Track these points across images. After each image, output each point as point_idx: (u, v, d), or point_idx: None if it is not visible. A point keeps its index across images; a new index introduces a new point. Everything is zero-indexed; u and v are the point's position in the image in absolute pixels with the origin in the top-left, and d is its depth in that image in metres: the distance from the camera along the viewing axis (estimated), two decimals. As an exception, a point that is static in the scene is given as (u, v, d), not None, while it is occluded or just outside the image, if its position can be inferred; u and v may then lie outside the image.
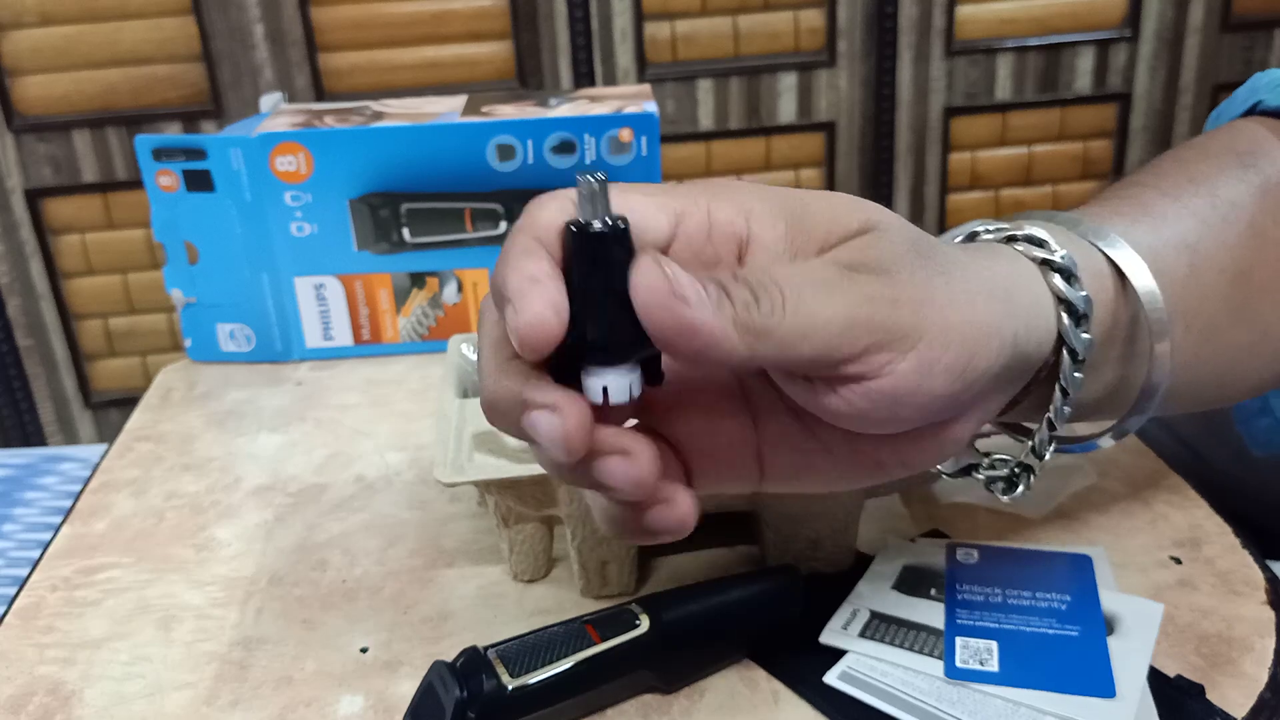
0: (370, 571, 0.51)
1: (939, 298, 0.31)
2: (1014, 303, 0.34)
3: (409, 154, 0.68)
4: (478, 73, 1.60)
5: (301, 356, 0.74)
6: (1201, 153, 0.45)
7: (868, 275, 0.31)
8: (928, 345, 0.30)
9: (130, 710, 0.44)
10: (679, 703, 0.42)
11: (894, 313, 0.30)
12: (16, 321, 1.66)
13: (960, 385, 0.31)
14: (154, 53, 1.55)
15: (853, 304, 0.30)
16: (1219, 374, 0.43)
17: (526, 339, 0.29)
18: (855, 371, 0.30)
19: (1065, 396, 0.37)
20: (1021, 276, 0.35)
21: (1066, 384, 0.36)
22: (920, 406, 0.31)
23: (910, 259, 0.32)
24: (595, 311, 0.30)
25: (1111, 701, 0.40)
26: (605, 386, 0.30)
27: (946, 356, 0.31)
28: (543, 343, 0.29)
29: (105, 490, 0.60)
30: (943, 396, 0.31)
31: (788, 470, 0.35)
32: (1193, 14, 1.66)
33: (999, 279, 0.34)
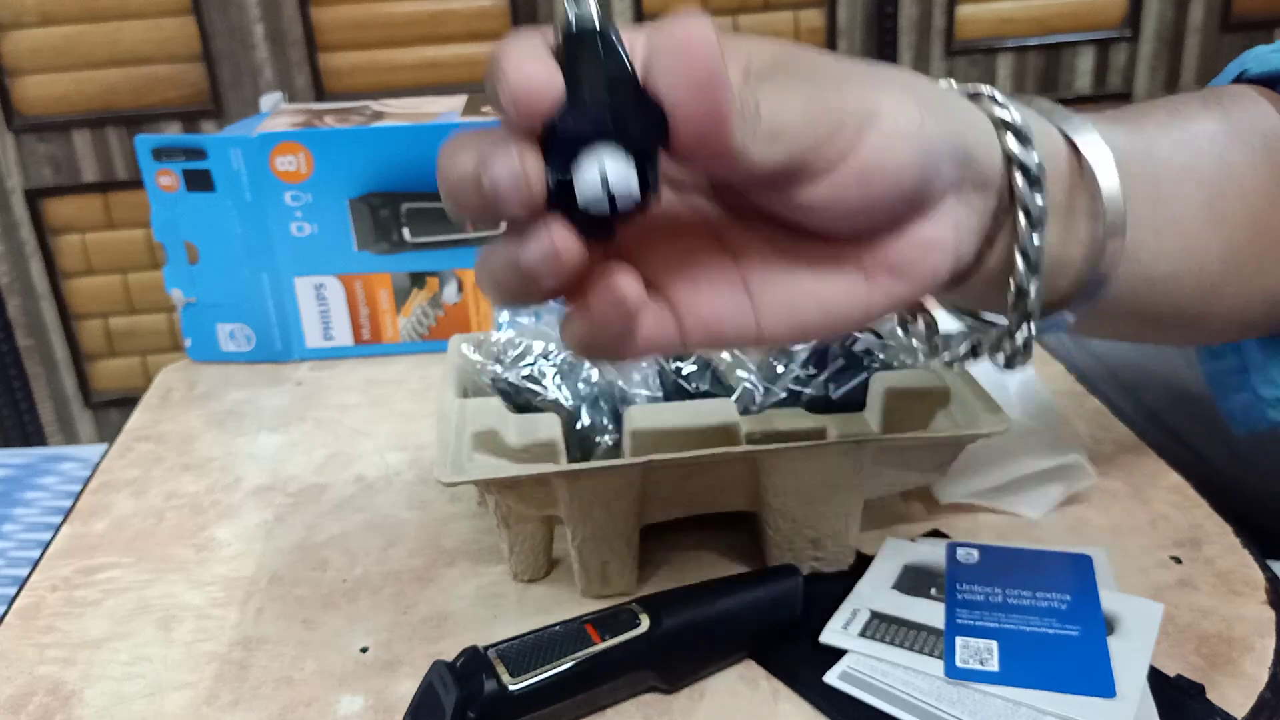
0: (370, 571, 0.51)
1: (878, 79, 0.33)
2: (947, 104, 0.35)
3: (409, 154, 0.68)
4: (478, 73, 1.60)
5: (301, 356, 0.74)
6: (1177, 99, 0.46)
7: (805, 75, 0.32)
8: (880, 119, 0.32)
9: (130, 710, 0.44)
10: (679, 703, 0.42)
11: (841, 95, 0.32)
12: (16, 321, 1.66)
13: (920, 154, 0.33)
14: (154, 53, 1.55)
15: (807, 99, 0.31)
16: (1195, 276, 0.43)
17: (521, 95, 0.28)
18: (827, 158, 0.32)
19: (1031, 221, 0.37)
20: (954, 95, 0.37)
21: (1028, 204, 0.37)
22: (891, 182, 0.33)
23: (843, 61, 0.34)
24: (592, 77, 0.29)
25: (1111, 701, 0.40)
26: (604, 173, 0.29)
27: (900, 123, 0.32)
28: (538, 95, 0.28)
29: (105, 490, 0.60)
30: (906, 166, 0.33)
31: (781, 303, 0.35)
32: (1193, 14, 1.66)
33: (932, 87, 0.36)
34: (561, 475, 0.45)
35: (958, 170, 0.35)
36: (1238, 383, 0.52)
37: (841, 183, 0.32)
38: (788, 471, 0.47)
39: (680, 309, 0.34)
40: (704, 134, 0.30)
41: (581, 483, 0.45)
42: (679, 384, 0.53)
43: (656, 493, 0.47)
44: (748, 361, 0.55)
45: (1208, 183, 0.43)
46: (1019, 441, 0.54)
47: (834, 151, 0.32)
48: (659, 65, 0.29)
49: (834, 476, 0.47)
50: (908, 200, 0.34)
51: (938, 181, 0.34)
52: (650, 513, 0.48)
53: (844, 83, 0.32)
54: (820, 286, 0.35)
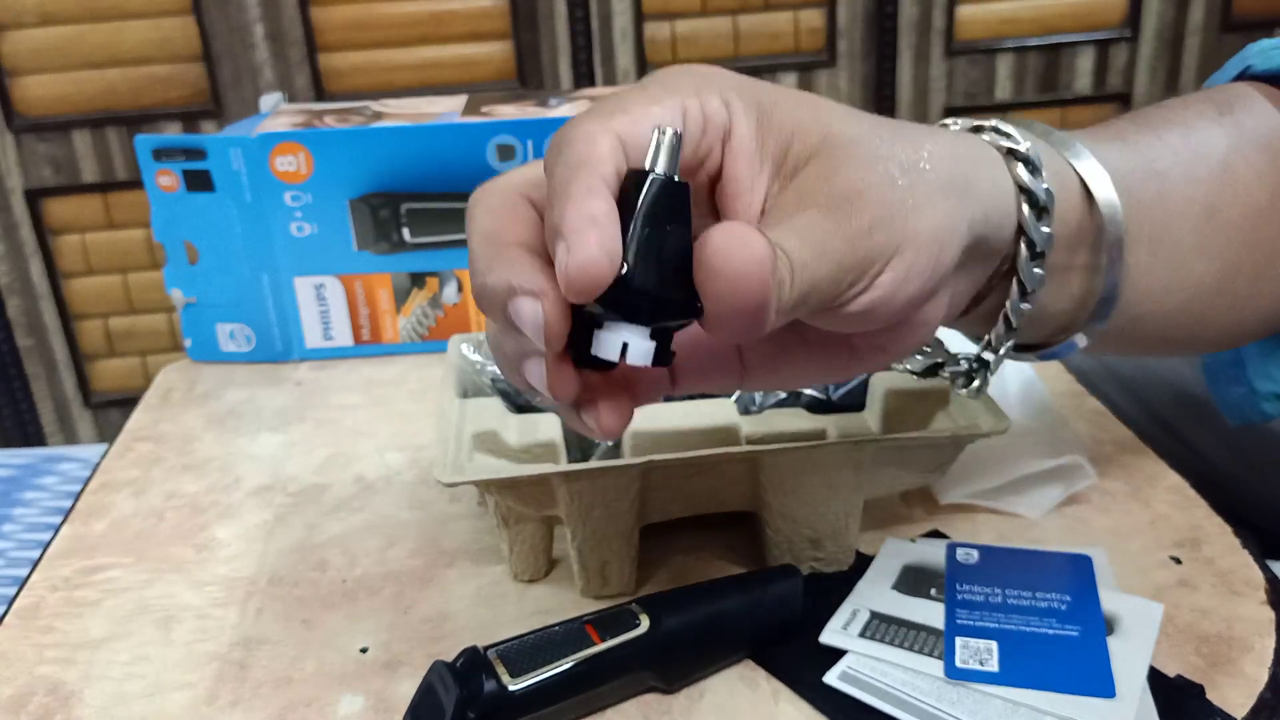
0: (370, 571, 0.51)
1: (906, 207, 0.32)
2: (972, 190, 0.35)
3: (409, 154, 0.68)
4: (478, 73, 1.60)
5: (301, 356, 0.74)
6: (1182, 103, 0.46)
7: (840, 212, 0.32)
8: (901, 257, 0.32)
9: (130, 710, 0.44)
10: (679, 703, 0.42)
11: (871, 241, 0.32)
12: (16, 321, 1.66)
13: (933, 283, 0.33)
14: (154, 53, 1.55)
15: (840, 252, 0.31)
16: (1187, 306, 0.44)
17: (576, 280, 0.29)
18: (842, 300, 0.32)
19: (1024, 291, 0.38)
20: (983, 163, 0.36)
21: (1025, 278, 0.38)
22: (897, 309, 0.33)
23: (875, 172, 0.32)
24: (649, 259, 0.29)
25: (1111, 701, 0.40)
26: (625, 343, 0.30)
27: (919, 261, 0.32)
28: (593, 285, 0.29)
29: (105, 490, 0.60)
30: (917, 298, 0.33)
31: (767, 365, 0.36)
32: (1193, 14, 1.66)
33: (960, 164, 0.35)
34: (561, 475, 0.45)
35: (966, 256, 0.35)
36: (1234, 375, 0.52)
37: (855, 314, 0.33)
38: (788, 472, 0.47)
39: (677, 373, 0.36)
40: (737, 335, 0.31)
41: (581, 483, 0.45)
42: (679, 384, 0.53)
43: (656, 493, 0.47)
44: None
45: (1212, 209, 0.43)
46: (1019, 441, 0.54)
47: (851, 293, 0.32)
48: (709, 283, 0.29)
49: (834, 477, 0.47)
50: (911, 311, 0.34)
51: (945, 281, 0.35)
52: (650, 513, 0.48)
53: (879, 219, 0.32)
54: (809, 362, 0.37)
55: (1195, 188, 0.43)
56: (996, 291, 0.39)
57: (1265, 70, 0.48)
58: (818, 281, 0.31)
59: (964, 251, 0.35)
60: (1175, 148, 0.43)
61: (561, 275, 0.29)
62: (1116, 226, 0.39)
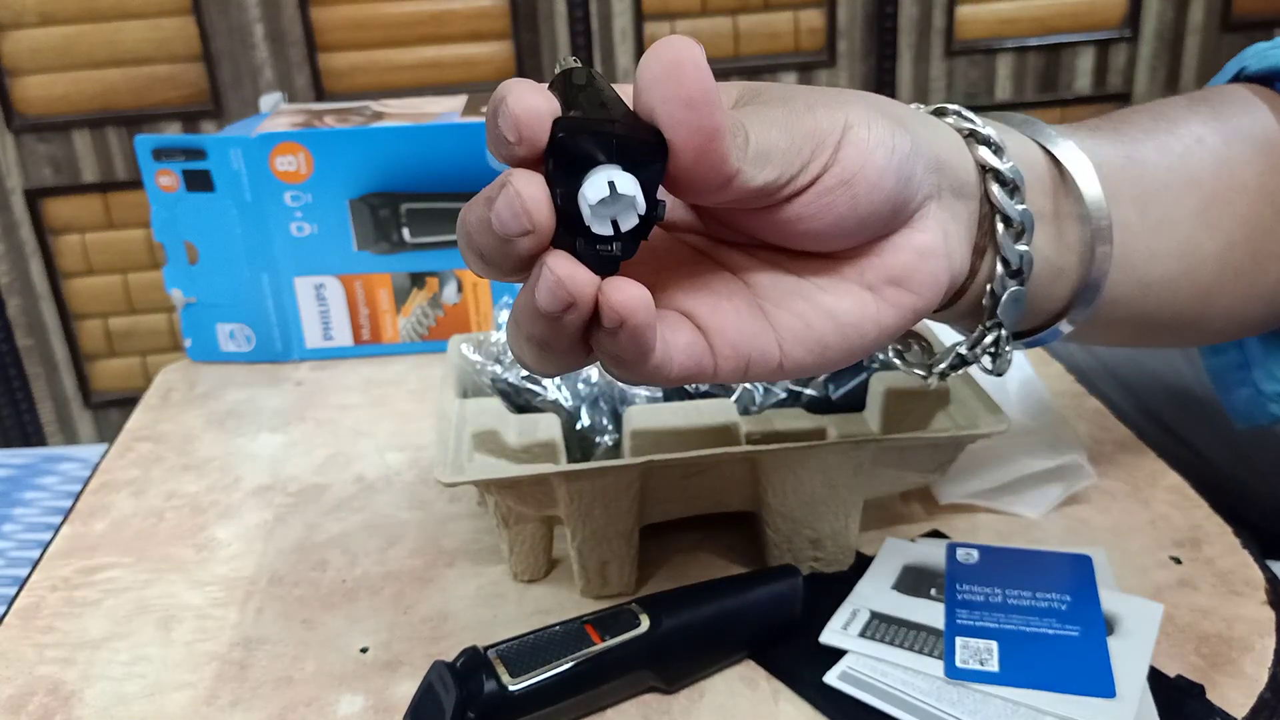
0: (370, 571, 0.51)
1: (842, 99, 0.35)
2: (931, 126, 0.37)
3: (409, 154, 0.68)
4: (478, 73, 1.60)
5: (301, 356, 0.74)
6: (1175, 100, 0.47)
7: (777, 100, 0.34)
8: (853, 130, 0.33)
9: (130, 710, 0.44)
10: (679, 703, 0.42)
11: (814, 116, 0.33)
12: (16, 321, 1.66)
13: (896, 159, 0.34)
14: (154, 53, 1.55)
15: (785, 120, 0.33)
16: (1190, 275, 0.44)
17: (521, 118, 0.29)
18: (807, 178, 0.33)
19: (1008, 267, 0.39)
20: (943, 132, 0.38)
21: (1007, 255, 0.39)
22: (872, 185, 0.33)
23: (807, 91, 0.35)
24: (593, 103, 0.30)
25: (1111, 701, 0.40)
26: (611, 181, 0.29)
27: (875, 133, 0.34)
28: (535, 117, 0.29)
29: (105, 490, 0.60)
30: (887, 170, 0.34)
31: (797, 322, 0.35)
32: (1193, 14, 1.66)
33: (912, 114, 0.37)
34: (561, 475, 0.45)
35: (934, 176, 0.36)
36: (1239, 378, 0.52)
37: (826, 194, 0.33)
38: (787, 472, 0.47)
39: (709, 332, 0.34)
40: (700, 152, 0.30)
41: (581, 483, 0.45)
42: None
43: (656, 493, 0.47)
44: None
45: (1200, 184, 0.44)
46: (1019, 441, 0.54)
47: (817, 165, 0.33)
48: (653, 87, 0.30)
49: (834, 477, 0.47)
50: (890, 205, 0.35)
51: (915, 186, 0.35)
52: (650, 513, 0.48)
53: (815, 105, 0.34)
54: (832, 304, 0.35)
55: (1185, 177, 0.43)
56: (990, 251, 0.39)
57: (1259, 70, 0.48)
58: (773, 144, 0.32)
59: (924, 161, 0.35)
60: (1160, 141, 0.44)
61: (509, 126, 0.29)
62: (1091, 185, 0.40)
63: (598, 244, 0.30)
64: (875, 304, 0.36)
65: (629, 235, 0.30)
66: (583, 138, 0.29)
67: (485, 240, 0.31)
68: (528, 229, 0.30)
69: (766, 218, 0.34)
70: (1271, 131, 0.45)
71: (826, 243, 0.35)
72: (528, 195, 0.29)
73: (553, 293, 0.30)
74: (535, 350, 0.33)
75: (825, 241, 0.35)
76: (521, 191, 0.29)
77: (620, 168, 0.29)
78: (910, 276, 0.36)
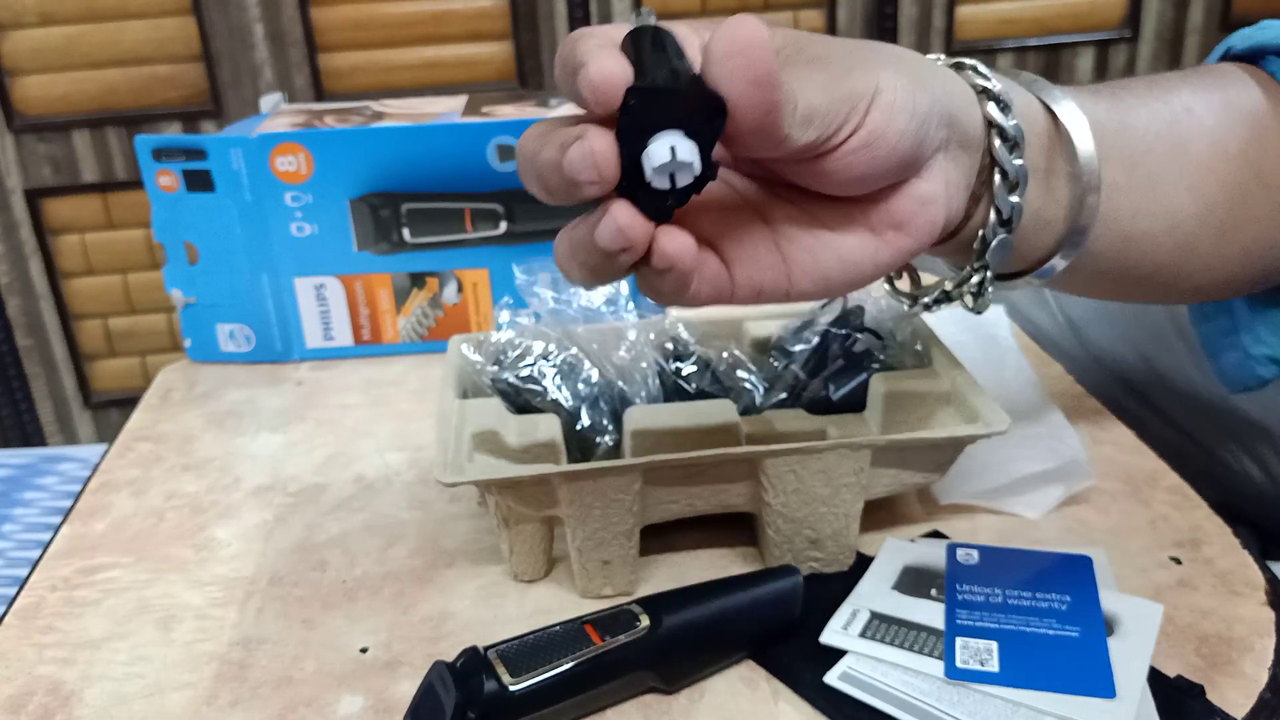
0: (370, 571, 0.51)
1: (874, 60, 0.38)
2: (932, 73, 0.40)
3: (409, 154, 0.68)
4: (478, 73, 1.60)
5: (301, 356, 0.74)
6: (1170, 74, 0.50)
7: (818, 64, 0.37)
8: (881, 96, 0.37)
9: (130, 710, 0.44)
10: (679, 703, 0.42)
11: (850, 81, 0.37)
12: (16, 321, 1.66)
13: (914, 121, 0.38)
14: (154, 53, 1.55)
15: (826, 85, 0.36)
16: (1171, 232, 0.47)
17: (599, 85, 0.32)
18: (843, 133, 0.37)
19: (999, 216, 0.42)
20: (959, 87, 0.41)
21: (1000, 205, 0.42)
22: (891, 147, 0.37)
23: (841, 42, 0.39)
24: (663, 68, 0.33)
25: (1111, 702, 0.40)
26: (674, 147, 0.33)
27: (899, 99, 0.37)
28: (612, 85, 0.32)
29: (105, 490, 0.60)
30: (904, 133, 0.37)
31: (807, 260, 0.39)
32: (1193, 14, 1.66)
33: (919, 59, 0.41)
34: (561, 475, 0.45)
35: (944, 131, 0.39)
36: (1229, 342, 0.55)
37: (853, 151, 0.37)
38: (787, 472, 0.47)
39: (732, 266, 0.39)
40: (759, 122, 0.34)
41: (581, 483, 0.45)
42: (679, 384, 0.53)
43: (656, 493, 0.47)
44: (747, 362, 0.55)
45: (1186, 148, 0.47)
46: (1019, 441, 0.54)
47: (849, 127, 0.37)
48: (722, 64, 0.33)
49: (834, 477, 0.47)
50: (905, 161, 0.38)
51: (928, 143, 0.39)
52: (650, 513, 0.48)
53: (852, 68, 0.37)
54: (838, 243, 0.40)
55: (1170, 140, 0.47)
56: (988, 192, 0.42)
57: (1245, 49, 0.51)
58: (816, 107, 0.36)
59: (939, 118, 0.39)
60: (1152, 108, 0.47)
61: (587, 89, 0.33)
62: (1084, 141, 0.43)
63: (655, 197, 0.34)
64: (875, 244, 0.40)
65: (683, 191, 0.34)
66: (652, 108, 0.33)
67: (555, 179, 0.35)
68: (595, 180, 0.34)
69: (794, 165, 0.38)
70: (1256, 103, 0.48)
71: (841, 190, 0.39)
72: (599, 151, 0.33)
73: (613, 237, 0.34)
74: (584, 272, 0.37)
75: (840, 189, 0.39)
76: (594, 148, 0.33)
77: (683, 134, 0.33)
78: (910, 221, 0.40)
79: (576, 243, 0.36)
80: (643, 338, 0.53)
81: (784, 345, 0.55)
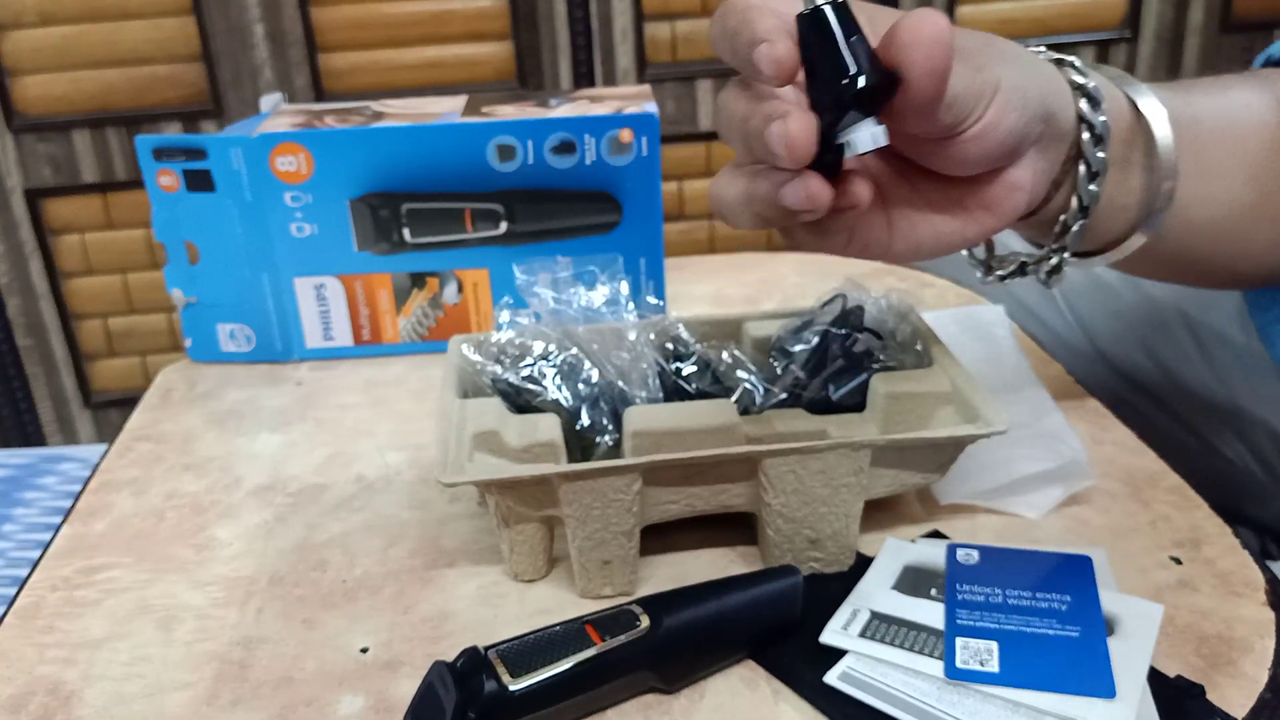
0: (370, 571, 0.51)
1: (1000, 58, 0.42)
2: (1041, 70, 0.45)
3: (409, 154, 0.68)
4: (478, 73, 1.60)
5: (302, 356, 0.74)
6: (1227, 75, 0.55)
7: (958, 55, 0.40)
8: (1000, 94, 0.41)
9: (130, 710, 0.44)
10: (679, 703, 0.42)
11: (981, 75, 0.41)
12: (16, 321, 1.66)
13: (1023, 119, 0.42)
14: (154, 53, 1.55)
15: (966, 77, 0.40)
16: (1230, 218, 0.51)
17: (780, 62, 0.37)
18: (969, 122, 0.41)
19: (1079, 202, 0.47)
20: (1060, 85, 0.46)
21: (1090, 159, 0.47)
22: (1000, 140, 0.42)
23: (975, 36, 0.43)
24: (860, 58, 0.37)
25: (1112, 702, 0.40)
26: (873, 134, 0.38)
27: (1012, 99, 0.41)
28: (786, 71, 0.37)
29: (105, 490, 0.60)
30: (1013, 129, 0.42)
31: (908, 232, 0.44)
32: (1193, 14, 1.66)
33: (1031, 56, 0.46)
34: (561, 475, 0.45)
35: (1042, 126, 0.44)
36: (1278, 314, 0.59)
37: (970, 139, 0.41)
38: (787, 472, 0.47)
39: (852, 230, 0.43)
40: (925, 106, 0.38)
41: (581, 483, 0.45)
42: (679, 384, 0.53)
43: (656, 493, 0.47)
44: (748, 362, 0.55)
45: (1242, 139, 0.51)
46: (1019, 442, 0.54)
47: (974, 116, 0.41)
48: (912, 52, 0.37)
49: (834, 478, 0.47)
50: (1009, 151, 0.43)
51: (1029, 137, 0.43)
52: (650, 513, 0.48)
53: (983, 66, 0.41)
54: (935, 217, 0.44)
55: (1232, 135, 0.51)
56: (1069, 180, 0.47)
57: None
58: (957, 95, 0.39)
59: (1040, 115, 0.43)
60: (1217, 103, 0.52)
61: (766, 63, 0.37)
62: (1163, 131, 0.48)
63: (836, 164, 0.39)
64: (964, 222, 0.44)
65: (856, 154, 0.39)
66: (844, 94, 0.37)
67: (759, 146, 0.38)
68: (791, 161, 0.38)
69: (918, 143, 0.42)
70: None
71: (951, 170, 0.43)
72: (797, 135, 0.37)
73: (801, 202, 0.39)
74: (755, 220, 0.41)
75: (952, 169, 0.43)
76: (793, 131, 0.37)
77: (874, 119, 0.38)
78: (998, 204, 0.44)
79: (757, 197, 0.40)
80: (643, 338, 0.53)
81: (784, 345, 0.55)
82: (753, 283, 0.83)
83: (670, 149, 1.64)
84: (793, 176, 0.39)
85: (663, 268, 0.72)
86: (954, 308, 0.72)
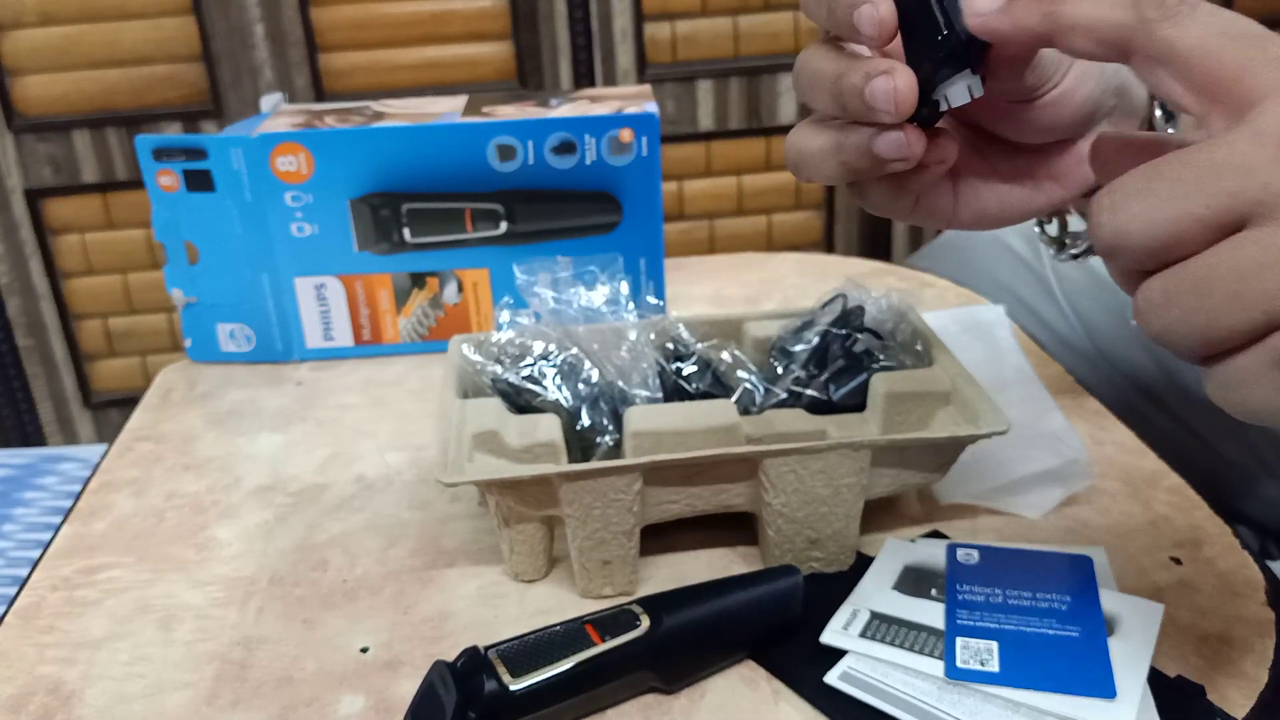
0: (370, 571, 0.51)
1: None
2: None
3: (409, 154, 0.68)
4: (478, 73, 1.60)
5: (302, 357, 0.74)
6: None
7: None
8: (1076, 65, 0.41)
9: (130, 710, 0.44)
10: (679, 703, 0.42)
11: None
12: (16, 321, 1.66)
13: (1098, 89, 0.42)
14: (154, 53, 1.55)
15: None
16: None
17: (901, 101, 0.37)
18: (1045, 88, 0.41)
19: None
20: None
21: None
22: (1075, 108, 0.42)
23: None
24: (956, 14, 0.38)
25: (1112, 702, 0.40)
26: (969, 85, 0.38)
27: (1091, 66, 0.42)
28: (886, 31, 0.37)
29: (105, 490, 0.60)
30: (1088, 98, 0.42)
31: (973, 200, 0.44)
32: (1193, 14, 1.66)
33: None
34: (562, 475, 0.45)
35: (1115, 100, 0.44)
36: None
37: (1045, 105, 0.42)
38: (788, 472, 0.47)
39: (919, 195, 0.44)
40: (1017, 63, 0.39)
41: (582, 483, 0.45)
42: (679, 385, 0.53)
43: (656, 493, 0.47)
44: (748, 362, 0.55)
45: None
46: (1019, 441, 0.54)
47: (1050, 83, 0.41)
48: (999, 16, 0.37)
49: (834, 478, 0.47)
50: (1082, 121, 0.43)
51: (1102, 110, 0.43)
52: (650, 513, 0.48)
53: None
54: (1002, 185, 0.45)
55: None
56: None
57: None
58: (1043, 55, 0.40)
59: (1115, 88, 0.43)
60: None
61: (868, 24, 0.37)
62: None
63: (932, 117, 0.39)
64: (1031, 192, 0.44)
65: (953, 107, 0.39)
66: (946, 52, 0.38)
67: (855, 103, 0.38)
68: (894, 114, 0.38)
69: (1003, 114, 0.42)
70: None
71: (1022, 136, 0.43)
72: (901, 90, 0.37)
73: (897, 150, 0.39)
74: (843, 171, 0.41)
75: (1024, 135, 0.43)
76: (899, 86, 0.37)
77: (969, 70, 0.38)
78: (1067, 176, 0.44)
79: (849, 147, 0.40)
80: (643, 338, 0.53)
81: (784, 345, 0.55)
82: (753, 283, 0.83)
83: (670, 149, 1.64)
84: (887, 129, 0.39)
85: (663, 268, 0.72)
86: (954, 308, 0.72)
